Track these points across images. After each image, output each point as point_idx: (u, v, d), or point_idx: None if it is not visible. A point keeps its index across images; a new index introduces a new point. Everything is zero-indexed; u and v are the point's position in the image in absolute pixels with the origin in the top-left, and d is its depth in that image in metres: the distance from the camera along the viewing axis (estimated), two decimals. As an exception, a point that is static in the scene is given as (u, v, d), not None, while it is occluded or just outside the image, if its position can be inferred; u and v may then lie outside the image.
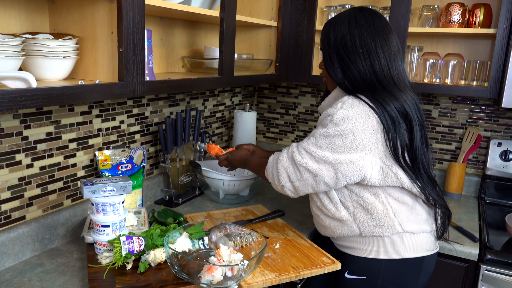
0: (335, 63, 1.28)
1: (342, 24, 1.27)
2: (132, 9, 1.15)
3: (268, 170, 1.35)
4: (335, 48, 1.28)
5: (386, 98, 1.21)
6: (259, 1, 2.11)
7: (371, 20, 1.26)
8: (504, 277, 1.50)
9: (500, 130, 2.08)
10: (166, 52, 1.78)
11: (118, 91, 1.17)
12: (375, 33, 1.25)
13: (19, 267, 1.26)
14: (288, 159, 1.28)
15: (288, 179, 1.28)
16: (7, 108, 0.89)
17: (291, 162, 1.27)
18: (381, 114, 1.18)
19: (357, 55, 1.24)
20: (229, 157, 1.63)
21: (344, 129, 1.18)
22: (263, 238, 1.29)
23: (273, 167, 1.33)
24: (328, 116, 1.22)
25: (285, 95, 2.54)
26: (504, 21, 1.71)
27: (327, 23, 1.32)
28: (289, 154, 1.28)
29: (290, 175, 1.27)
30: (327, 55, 1.30)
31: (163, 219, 1.49)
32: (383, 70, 1.24)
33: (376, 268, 1.30)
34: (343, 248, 1.38)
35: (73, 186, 1.49)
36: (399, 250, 1.29)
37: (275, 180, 1.32)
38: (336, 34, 1.27)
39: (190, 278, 1.13)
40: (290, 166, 1.27)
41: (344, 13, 1.30)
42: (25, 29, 1.21)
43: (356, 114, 1.18)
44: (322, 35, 1.33)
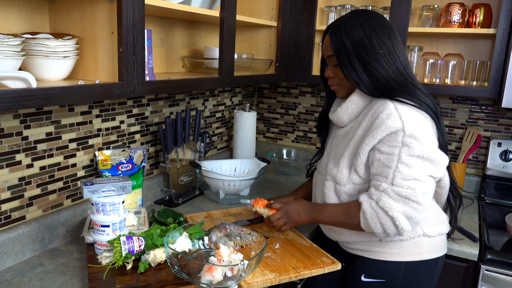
0: (358, 67, 1.23)
1: (355, 27, 1.23)
2: (132, 9, 1.15)
3: (370, 223, 1.20)
4: (355, 53, 1.23)
5: (420, 95, 1.23)
6: (259, 1, 2.11)
7: (380, 21, 1.26)
8: (504, 277, 1.50)
9: (500, 130, 2.08)
10: (166, 52, 1.78)
11: (118, 91, 1.17)
12: (388, 33, 1.25)
13: (19, 267, 1.26)
14: (397, 201, 1.16)
15: (406, 220, 1.16)
16: (7, 108, 0.89)
17: (402, 202, 1.16)
18: (429, 112, 1.22)
19: (379, 56, 1.22)
20: (285, 208, 1.37)
21: (422, 136, 1.16)
22: (263, 238, 1.29)
23: (377, 218, 1.18)
24: (398, 133, 1.15)
25: (285, 95, 2.54)
26: (504, 21, 1.71)
27: (335, 29, 1.27)
28: (392, 196, 1.16)
29: (410, 214, 1.16)
30: (346, 61, 1.24)
31: (163, 219, 1.49)
32: (404, 68, 1.25)
33: (396, 271, 1.30)
34: (357, 251, 1.36)
35: (73, 186, 1.49)
36: (418, 252, 1.29)
37: (388, 229, 1.18)
38: (353, 39, 1.23)
39: (190, 278, 1.13)
40: (404, 206, 1.16)
41: (350, 17, 1.26)
42: (25, 29, 1.21)
43: (417, 118, 1.18)
44: (333, 42, 1.26)
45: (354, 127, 1.31)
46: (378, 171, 1.20)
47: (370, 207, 1.19)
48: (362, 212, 1.21)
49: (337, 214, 1.29)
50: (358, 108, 1.30)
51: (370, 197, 1.21)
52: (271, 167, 2.32)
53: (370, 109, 1.25)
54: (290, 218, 1.35)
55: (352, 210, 1.25)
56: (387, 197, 1.17)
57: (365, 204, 1.21)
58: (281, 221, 1.36)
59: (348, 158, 1.28)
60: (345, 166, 1.28)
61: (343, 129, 1.36)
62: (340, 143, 1.35)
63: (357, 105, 1.29)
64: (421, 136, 1.16)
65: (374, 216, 1.19)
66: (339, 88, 1.34)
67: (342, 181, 1.29)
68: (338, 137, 1.38)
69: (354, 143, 1.27)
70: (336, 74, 1.31)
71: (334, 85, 1.35)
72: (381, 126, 1.17)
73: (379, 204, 1.17)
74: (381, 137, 1.18)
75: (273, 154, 2.38)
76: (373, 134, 1.19)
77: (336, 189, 1.31)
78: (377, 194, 1.19)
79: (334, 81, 1.34)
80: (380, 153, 1.19)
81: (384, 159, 1.18)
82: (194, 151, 1.93)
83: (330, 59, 1.31)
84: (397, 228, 1.17)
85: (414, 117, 1.18)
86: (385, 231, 1.19)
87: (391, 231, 1.18)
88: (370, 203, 1.20)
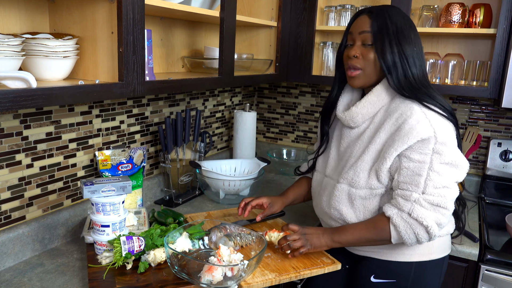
0: (395, 53, 1.19)
1: (398, 17, 1.22)
2: (132, 9, 1.15)
3: (403, 236, 1.17)
4: (395, 38, 1.19)
5: (442, 100, 1.22)
6: (259, 1, 2.11)
7: (414, 26, 1.27)
8: (504, 277, 1.50)
9: (500, 130, 2.08)
10: (166, 52, 1.78)
11: (118, 91, 1.17)
12: (419, 36, 1.26)
13: (19, 267, 1.26)
14: (429, 210, 1.15)
15: (437, 226, 1.16)
16: (7, 108, 0.89)
17: (433, 210, 1.15)
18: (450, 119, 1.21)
19: (413, 52, 1.21)
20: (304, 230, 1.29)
21: (451, 143, 1.16)
22: (263, 238, 1.29)
23: (411, 229, 1.16)
24: (430, 140, 1.14)
25: (285, 95, 2.54)
26: (504, 21, 1.71)
27: (379, 12, 1.22)
28: (425, 206, 1.15)
29: (440, 220, 1.16)
30: (386, 42, 1.19)
31: (163, 219, 1.49)
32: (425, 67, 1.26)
33: (407, 271, 1.30)
34: (364, 252, 1.35)
35: (73, 186, 1.49)
36: (428, 252, 1.30)
37: (422, 238, 1.17)
38: (396, 25, 1.20)
39: (190, 278, 1.13)
40: (435, 213, 1.16)
41: (392, 8, 1.24)
42: (25, 29, 1.21)
43: (445, 125, 1.18)
44: (375, 22, 1.21)
45: (370, 128, 1.27)
46: (407, 179, 1.17)
47: (402, 220, 1.17)
48: (393, 226, 1.18)
49: (363, 232, 1.23)
50: (374, 108, 1.25)
51: (400, 209, 1.18)
52: (271, 167, 2.32)
53: (392, 112, 1.21)
54: (309, 241, 1.26)
55: (380, 225, 1.21)
56: (420, 207, 1.15)
57: (396, 218, 1.17)
58: (298, 242, 1.25)
59: (368, 162, 1.23)
60: (364, 170, 1.24)
61: (354, 130, 1.31)
62: (354, 145, 1.30)
63: (375, 104, 1.25)
64: (450, 143, 1.16)
65: (407, 228, 1.16)
66: (360, 75, 1.25)
67: (359, 185, 1.25)
68: (348, 138, 1.33)
69: (376, 147, 1.22)
70: (364, 55, 1.23)
71: (356, 69, 1.25)
72: (412, 132, 1.14)
73: (412, 215, 1.15)
74: (411, 143, 1.15)
75: (273, 154, 2.38)
76: (403, 140, 1.15)
77: (351, 192, 1.27)
78: (409, 205, 1.16)
79: (359, 63, 1.24)
80: (410, 160, 1.16)
81: (414, 167, 1.15)
82: (194, 151, 1.93)
83: (363, 36, 1.23)
84: (429, 235, 1.17)
85: (442, 124, 1.17)
86: (418, 241, 1.18)
87: (424, 239, 1.17)
88: (401, 216, 1.17)
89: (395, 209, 1.19)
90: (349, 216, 1.29)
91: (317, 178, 1.45)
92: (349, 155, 1.31)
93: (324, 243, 1.27)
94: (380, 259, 1.32)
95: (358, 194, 1.26)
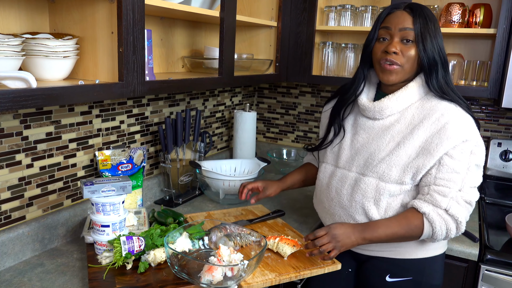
0: (436, 51, 1.21)
1: (433, 19, 1.24)
2: (132, 9, 1.15)
3: (437, 232, 1.20)
4: (435, 37, 1.22)
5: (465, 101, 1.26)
6: (259, 1, 2.11)
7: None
8: (504, 277, 1.50)
9: (500, 130, 2.08)
10: (166, 52, 1.78)
11: (118, 91, 1.17)
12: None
13: (19, 267, 1.26)
14: (463, 207, 1.21)
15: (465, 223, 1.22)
16: (7, 108, 0.89)
17: (465, 207, 1.21)
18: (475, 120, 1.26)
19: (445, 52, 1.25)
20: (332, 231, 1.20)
21: (483, 147, 1.24)
22: (263, 238, 1.29)
23: (445, 225, 1.20)
24: (471, 141, 1.20)
25: (285, 95, 2.54)
26: (504, 21, 1.71)
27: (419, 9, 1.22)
28: (461, 203, 1.20)
29: (467, 216, 1.23)
30: (429, 40, 1.20)
31: (163, 219, 1.49)
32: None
33: (421, 267, 1.32)
34: (375, 252, 1.35)
35: (73, 186, 1.49)
36: (437, 247, 1.35)
37: (452, 233, 1.21)
38: (434, 25, 1.22)
39: (190, 278, 1.13)
40: (466, 210, 1.22)
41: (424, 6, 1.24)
42: (25, 29, 1.21)
43: (476, 128, 1.24)
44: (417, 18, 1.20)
45: (401, 123, 1.26)
46: (445, 176, 1.19)
47: (439, 216, 1.19)
48: (428, 223, 1.20)
49: (396, 228, 1.21)
50: (405, 104, 1.26)
51: (437, 205, 1.19)
52: (271, 167, 2.32)
53: (429, 111, 1.23)
54: (339, 242, 1.19)
55: (414, 222, 1.20)
56: (457, 204, 1.20)
57: (432, 214, 1.19)
58: (329, 246, 1.19)
59: (403, 157, 1.22)
60: (397, 165, 1.23)
61: (378, 122, 1.29)
62: (380, 138, 1.27)
63: (407, 100, 1.25)
64: (483, 146, 1.24)
65: (442, 225, 1.20)
66: (398, 70, 1.22)
67: (390, 179, 1.23)
68: (370, 130, 1.30)
69: (414, 143, 1.22)
70: (404, 52, 1.21)
71: (396, 64, 1.22)
72: (458, 133, 1.18)
73: (449, 211, 1.19)
74: (456, 144, 1.18)
75: (273, 154, 2.38)
76: (451, 140, 1.18)
77: (379, 187, 1.24)
78: (446, 201, 1.19)
79: (398, 59, 1.21)
80: (451, 158, 1.19)
81: (454, 165, 1.18)
82: (194, 151, 1.93)
83: (404, 32, 1.21)
84: (458, 231, 1.22)
85: (475, 127, 1.23)
86: (446, 236, 1.22)
87: (453, 235, 1.22)
88: (437, 212, 1.19)
89: (430, 205, 1.20)
90: (372, 212, 1.27)
91: (326, 169, 1.40)
92: (375, 148, 1.27)
93: (356, 242, 1.22)
94: (395, 257, 1.33)
95: (388, 189, 1.24)
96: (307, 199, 1.93)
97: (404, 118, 1.26)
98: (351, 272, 1.45)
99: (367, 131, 1.31)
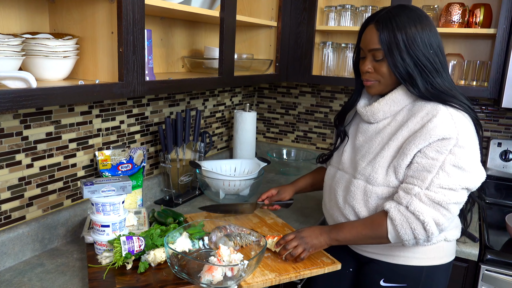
0: (410, 65, 1.17)
1: (408, 23, 1.17)
2: (132, 9, 1.15)
3: (399, 230, 1.16)
4: (407, 49, 1.16)
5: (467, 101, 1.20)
6: (259, 1, 2.11)
7: (428, 20, 1.21)
8: (504, 277, 1.50)
9: (500, 130, 2.08)
10: (166, 52, 1.78)
11: (118, 91, 1.17)
12: (435, 33, 1.20)
13: (19, 267, 1.26)
14: (428, 206, 1.14)
15: (436, 226, 1.15)
16: (7, 108, 0.89)
17: (433, 207, 1.14)
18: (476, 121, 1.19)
19: (430, 56, 1.17)
20: (300, 234, 1.28)
21: (470, 148, 1.14)
22: (263, 238, 1.29)
23: (407, 223, 1.16)
24: (450, 140, 1.12)
25: (285, 95, 2.54)
26: (504, 21, 1.71)
27: (386, 22, 1.18)
28: (424, 201, 1.14)
29: (439, 220, 1.14)
30: (398, 57, 1.17)
31: (163, 219, 1.49)
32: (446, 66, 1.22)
33: (418, 275, 1.29)
34: (373, 255, 1.34)
35: (73, 186, 1.49)
36: (439, 256, 1.29)
37: (419, 234, 1.15)
38: (406, 35, 1.16)
39: (190, 278, 1.13)
40: (435, 211, 1.14)
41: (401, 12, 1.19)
42: (25, 29, 1.21)
43: (469, 128, 1.16)
44: (384, 36, 1.18)
45: (392, 125, 1.25)
46: (415, 174, 1.16)
47: (399, 213, 1.16)
48: (390, 220, 1.18)
49: (360, 228, 1.23)
50: (397, 107, 1.24)
51: (399, 203, 1.18)
52: (271, 167, 2.32)
53: (417, 111, 1.19)
54: (308, 243, 1.26)
55: (377, 221, 1.20)
56: (419, 201, 1.14)
57: (393, 211, 1.17)
58: (299, 248, 1.25)
59: (387, 158, 1.22)
60: (382, 166, 1.22)
61: (373, 125, 1.30)
62: (372, 140, 1.28)
63: (397, 103, 1.23)
64: (469, 147, 1.14)
65: (403, 222, 1.16)
66: (376, 85, 1.25)
67: (376, 182, 1.23)
68: (366, 133, 1.31)
69: (397, 144, 1.21)
70: (377, 69, 1.22)
71: (371, 81, 1.25)
72: (435, 130, 1.13)
73: (410, 208, 1.15)
74: (432, 141, 1.14)
75: (273, 154, 2.38)
76: (424, 137, 1.14)
77: (367, 189, 1.25)
78: (408, 198, 1.16)
79: (372, 77, 1.24)
80: (424, 156, 1.15)
81: (426, 163, 1.14)
82: (194, 151, 1.93)
83: (373, 53, 1.21)
84: (427, 233, 1.15)
85: (467, 127, 1.15)
86: (415, 237, 1.16)
87: (421, 236, 1.16)
88: (398, 209, 1.17)
89: (393, 202, 1.19)
90: (362, 215, 1.27)
91: (330, 171, 1.43)
92: (366, 150, 1.29)
93: (324, 242, 1.27)
94: (391, 262, 1.30)
95: (374, 191, 1.24)
96: (307, 199, 1.93)
97: (395, 120, 1.25)
98: (352, 272, 1.45)
99: (363, 134, 1.32)
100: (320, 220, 1.72)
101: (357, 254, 1.40)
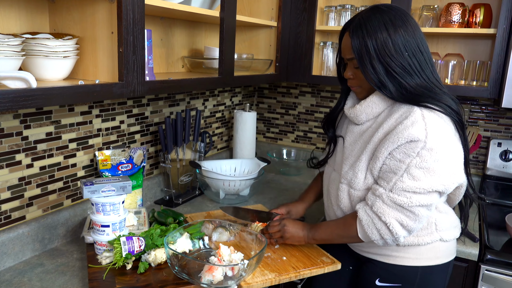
0: (381, 71, 1.15)
1: (379, 28, 1.14)
2: (132, 9, 1.15)
3: (367, 230, 1.19)
4: (377, 56, 1.14)
5: (448, 100, 1.16)
6: (259, 1, 2.11)
7: (405, 19, 1.16)
8: (504, 277, 1.50)
9: (500, 130, 2.08)
10: (166, 52, 1.78)
11: (118, 91, 1.17)
12: (413, 32, 1.16)
13: (19, 267, 1.26)
14: (390, 207, 1.15)
15: (401, 227, 1.15)
16: (7, 108, 0.89)
17: (395, 209, 1.14)
18: (456, 121, 1.16)
19: (404, 60, 1.14)
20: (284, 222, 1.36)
21: (440, 150, 1.10)
22: (263, 238, 1.29)
23: (373, 224, 1.17)
24: (418, 143, 1.10)
25: (285, 95, 2.54)
26: (504, 21, 1.71)
27: (357, 29, 1.17)
28: (387, 202, 1.15)
29: (403, 221, 1.14)
30: (368, 64, 1.15)
31: (163, 219, 1.49)
32: (430, 69, 1.18)
33: (413, 275, 1.28)
34: (370, 255, 1.34)
35: (73, 186, 1.49)
36: (435, 256, 1.29)
37: (384, 234, 1.16)
38: (376, 41, 1.14)
39: (191, 278, 1.13)
40: (398, 212, 1.14)
41: (372, 16, 1.16)
42: (25, 29, 1.21)
43: (443, 130, 1.12)
44: (355, 43, 1.17)
45: (372, 127, 1.25)
46: (383, 175, 1.17)
47: (365, 214, 1.19)
48: (358, 220, 1.20)
49: (334, 227, 1.29)
50: (379, 109, 1.23)
51: (366, 203, 1.20)
52: (271, 167, 2.32)
53: (393, 112, 1.18)
54: (287, 233, 1.33)
55: (349, 221, 1.24)
56: (381, 202, 1.16)
57: (360, 211, 1.20)
58: (278, 234, 1.35)
59: (365, 162, 1.22)
60: (361, 170, 1.23)
61: (358, 126, 1.30)
62: (355, 142, 1.29)
63: (378, 105, 1.22)
64: (439, 150, 1.10)
65: (369, 222, 1.18)
66: (359, 90, 1.26)
67: (357, 186, 1.24)
68: (352, 134, 1.31)
69: (373, 146, 1.20)
70: (357, 76, 1.23)
71: (354, 87, 1.27)
72: (403, 132, 1.11)
73: (373, 209, 1.17)
74: (400, 143, 1.12)
75: (273, 154, 2.38)
76: (393, 139, 1.13)
77: (350, 193, 1.27)
78: (372, 199, 1.18)
79: (355, 83, 1.25)
80: (392, 158, 1.14)
81: (393, 165, 1.14)
82: (194, 151, 1.93)
83: (351, 62, 1.22)
84: (392, 234, 1.16)
85: (440, 128, 1.12)
86: (382, 238, 1.18)
87: (387, 236, 1.17)
88: (365, 210, 1.19)
89: (362, 203, 1.21)
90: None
91: (327, 171, 1.44)
92: (349, 152, 1.29)
93: (303, 238, 1.33)
94: (386, 262, 1.30)
95: (357, 195, 1.25)
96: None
97: (376, 122, 1.24)
98: (351, 270, 1.45)
99: (351, 135, 1.33)
100: (320, 220, 1.72)
101: (357, 254, 1.40)
